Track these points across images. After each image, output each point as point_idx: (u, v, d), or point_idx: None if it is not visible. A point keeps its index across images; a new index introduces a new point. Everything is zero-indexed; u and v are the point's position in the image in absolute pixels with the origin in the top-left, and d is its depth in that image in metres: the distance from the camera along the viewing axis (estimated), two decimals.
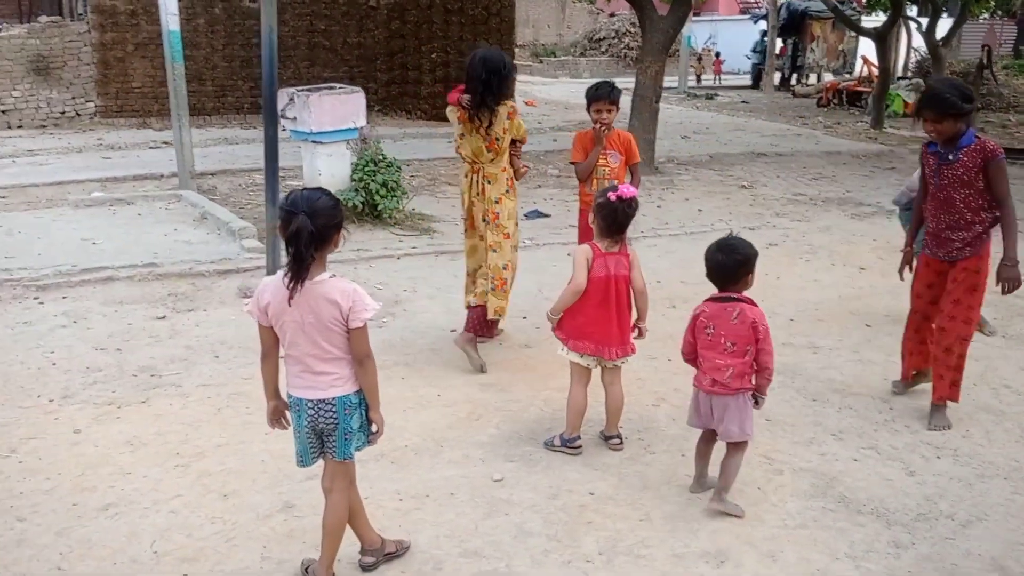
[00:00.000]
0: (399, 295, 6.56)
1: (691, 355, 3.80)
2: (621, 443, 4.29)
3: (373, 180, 8.44)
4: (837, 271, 7.46)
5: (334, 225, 2.89)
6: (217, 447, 4.19)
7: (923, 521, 3.70)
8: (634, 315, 4.20)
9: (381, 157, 8.64)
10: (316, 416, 3.00)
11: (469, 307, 5.34)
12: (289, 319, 2.91)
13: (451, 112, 5.19)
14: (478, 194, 5.21)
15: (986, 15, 34.19)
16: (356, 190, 8.43)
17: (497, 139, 5.10)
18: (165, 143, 12.93)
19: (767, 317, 3.68)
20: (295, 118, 8.16)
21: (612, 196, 3.99)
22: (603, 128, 5.32)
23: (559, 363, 4.86)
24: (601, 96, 5.32)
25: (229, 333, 5.71)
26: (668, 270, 7.25)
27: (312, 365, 2.96)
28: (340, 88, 8.62)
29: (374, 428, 3.11)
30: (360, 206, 8.44)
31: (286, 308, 2.89)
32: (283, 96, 8.09)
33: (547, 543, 3.48)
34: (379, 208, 8.52)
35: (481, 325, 5.28)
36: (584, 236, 5.36)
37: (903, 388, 4.99)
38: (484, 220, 5.22)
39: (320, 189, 2.96)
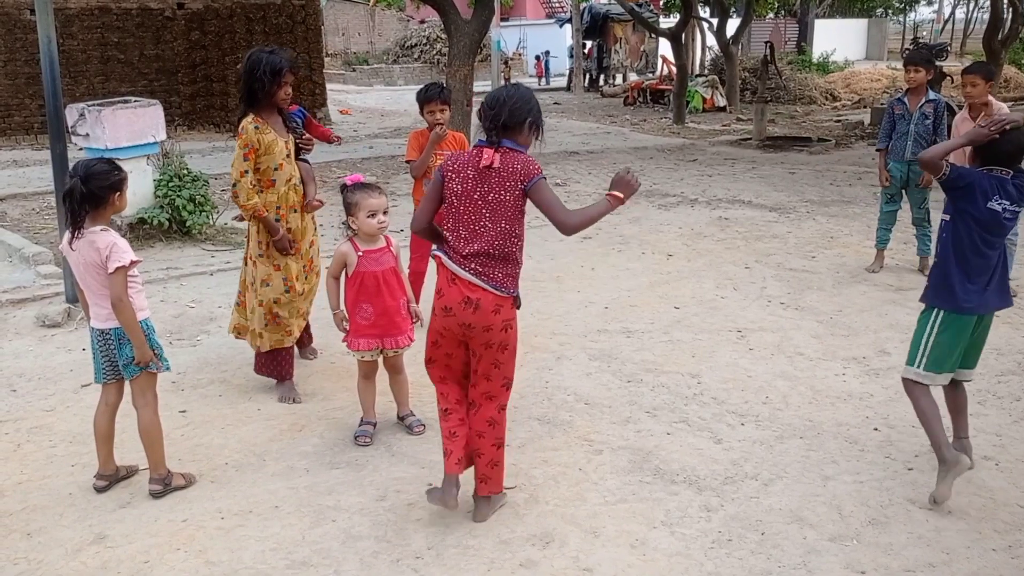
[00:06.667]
0: (213, 312, 6.33)
1: None
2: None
3: (179, 196, 8.11)
4: (647, 259, 7.82)
5: (108, 186, 3.47)
6: (18, 484, 3.92)
7: (730, 484, 3.96)
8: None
9: (186, 171, 8.32)
10: (103, 343, 3.64)
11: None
12: (73, 260, 3.56)
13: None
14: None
15: (771, 15, 36.91)
16: (161, 207, 8.08)
17: None
18: None
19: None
20: (87, 135, 7.70)
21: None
22: (441, 128, 5.45)
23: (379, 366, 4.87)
24: (432, 97, 5.46)
25: (27, 364, 5.34)
26: None
27: (94, 300, 3.60)
28: (135, 101, 8.21)
29: (136, 359, 3.62)
30: (167, 223, 8.09)
31: (70, 251, 3.53)
32: (73, 112, 7.62)
33: (376, 544, 3.47)
34: (188, 224, 8.20)
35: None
36: None
37: None
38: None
39: (101, 158, 3.62)
